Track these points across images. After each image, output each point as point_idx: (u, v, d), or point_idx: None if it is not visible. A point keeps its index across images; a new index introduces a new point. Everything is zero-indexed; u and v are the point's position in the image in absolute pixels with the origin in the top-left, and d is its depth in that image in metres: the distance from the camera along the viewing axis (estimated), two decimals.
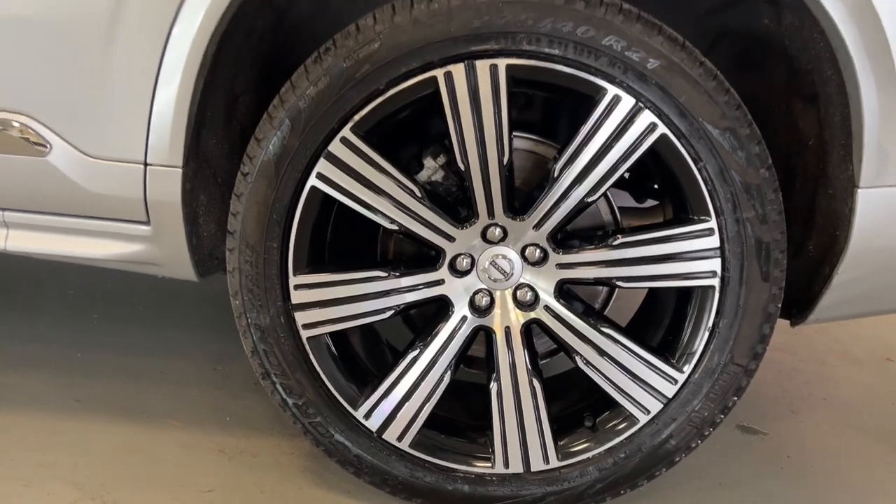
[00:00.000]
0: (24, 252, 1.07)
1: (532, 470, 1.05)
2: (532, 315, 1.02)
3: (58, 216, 1.04)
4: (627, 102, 0.91)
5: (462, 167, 0.95)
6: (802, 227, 1.06)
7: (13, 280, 1.76)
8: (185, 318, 1.67)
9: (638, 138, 0.92)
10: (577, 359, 1.02)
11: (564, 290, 1.02)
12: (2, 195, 1.03)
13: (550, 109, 1.19)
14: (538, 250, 1.00)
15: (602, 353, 1.00)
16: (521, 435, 1.03)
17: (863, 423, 1.50)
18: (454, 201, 1.03)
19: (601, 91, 0.91)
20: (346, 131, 0.93)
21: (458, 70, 0.91)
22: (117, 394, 1.32)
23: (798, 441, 1.42)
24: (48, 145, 0.98)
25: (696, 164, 0.93)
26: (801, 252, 1.07)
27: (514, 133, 1.01)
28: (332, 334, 1.03)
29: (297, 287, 0.99)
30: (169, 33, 0.93)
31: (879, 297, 1.07)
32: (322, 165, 0.94)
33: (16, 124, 0.98)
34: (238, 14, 0.94)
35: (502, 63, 0.90)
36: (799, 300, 1.08)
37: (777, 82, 1.06)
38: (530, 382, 1.02)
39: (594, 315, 1.05)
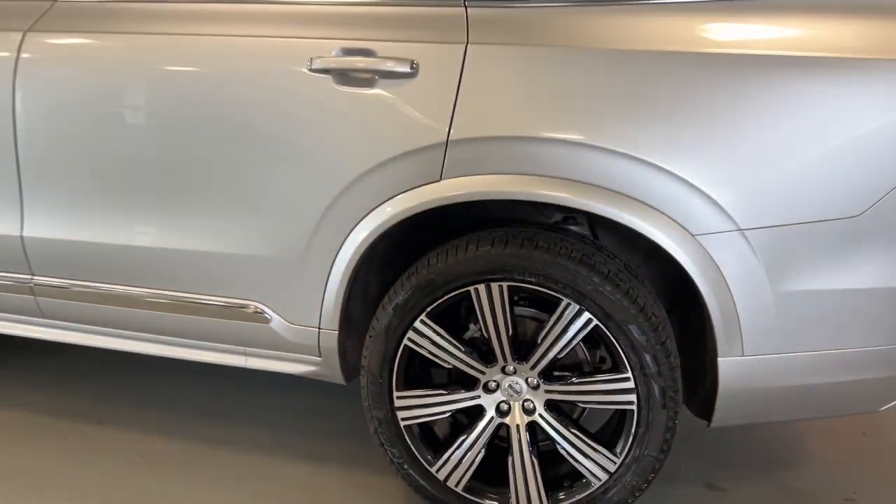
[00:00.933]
0: (254, 368, 1.94)
1: None
2: (532, 418, 1.74)
3: (272, 351, 1.90)
4: (575, 307, 1.61)
5: (486, 335, 1.70)
6: (698, 374, 1.71)
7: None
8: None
9: (582, 326, 1.62)
10: (558, 445, 1.73)
11: (551, 404, 1.74)
12: (244, 342, 1.91)
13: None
14: (535, 380, 1.72)
15: (571, 443, 1.71)
16: (526, 489, 1.75)
17: None
18: (485, 350, 1.77)
19: (560, 301, 1.62)
20: (422, 317, 1.70)
21: (482, 287, 1.65)
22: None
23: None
24: (271, 318, 1.84)
25: (616, 341, 1.62)
26: (701, 387, 1.72)
27: (522, 307, 1.74)
28: (417, 423, 1.81)
29: (397, 398, 1.78)
30: (336, 254, 1.74)
31: (751, 416, 1.70)
32: (410, 334, 1.72)
33: (251, 307, 1.85)
34: (374, 241, 1.73)
35: (505, 284, 1.64)
36: (705, 414, 1.73)
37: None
38: (531, 458, 1.74)
39: (568, 420, 1.75)
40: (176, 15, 1.81)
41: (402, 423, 1.79)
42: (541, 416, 1.74)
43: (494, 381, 1.75)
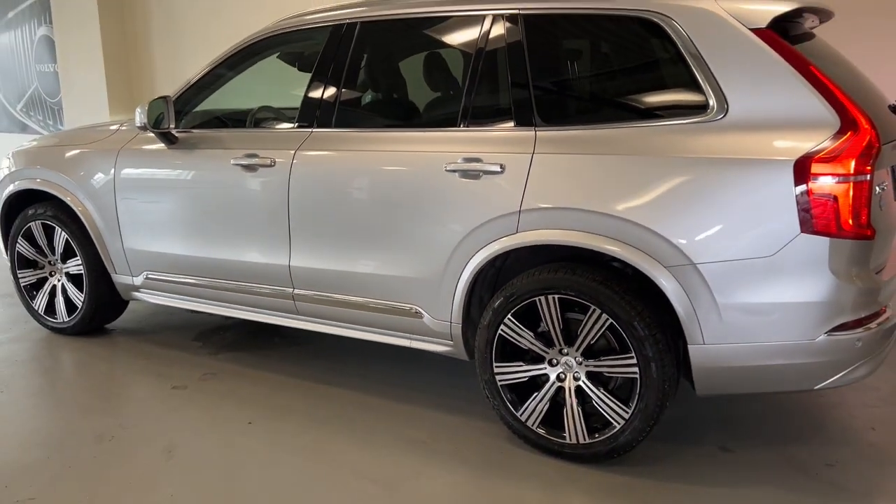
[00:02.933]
0: (415, 347, 3.13)
1: (581, 442, 2.76)
2: (578, 383, 2.75)
3: (425, 336, 3.09)
4: (598, 311, 2.61)
5: (548, 328, 2.75)
6: (684, 358, 2.62)
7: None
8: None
9: (603, 323, 2.61)
10: (594, 400, 2.72)
11: (590, 374, 2.73)
12: (408, 330, 3.12)
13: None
14: (579, 358, 2.73)
15: (602, 399, 2.69)
16: (575, 429, 2.75)
17: None
18: (548, 338, 2.81)
19: (589, 307, 2.63)
20: (509, 316, 2.79)
21: (542, 298, 2.71)
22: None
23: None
24: (424, 315, 3.03)
25: (624, 333, 2.59)
26: (686, 367, 2.62)
27: (569, 311, 2.76)
28: (508, 384, 2.89)
29: (496, 367, 2.87)
30: (459, 276, 2.89)
31: (720, 388, 2.57)
32: (502, 327, 2.81)
33: (413, 309, 3.05)
34: (482, 268, 2.86)
35: (556, 296, 2.68)
36: (693, 385, 2.63)
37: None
38: (578, 408, 2.74)
39: (601, 384, 2.73)
40: (375, 139, 3.11)
41: (499, 383, 2.88)
42: (584, 382, 2.74)
43: (555, 358, 2.78)
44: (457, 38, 3.08)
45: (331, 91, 3.24)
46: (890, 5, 3.96)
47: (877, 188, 2.41)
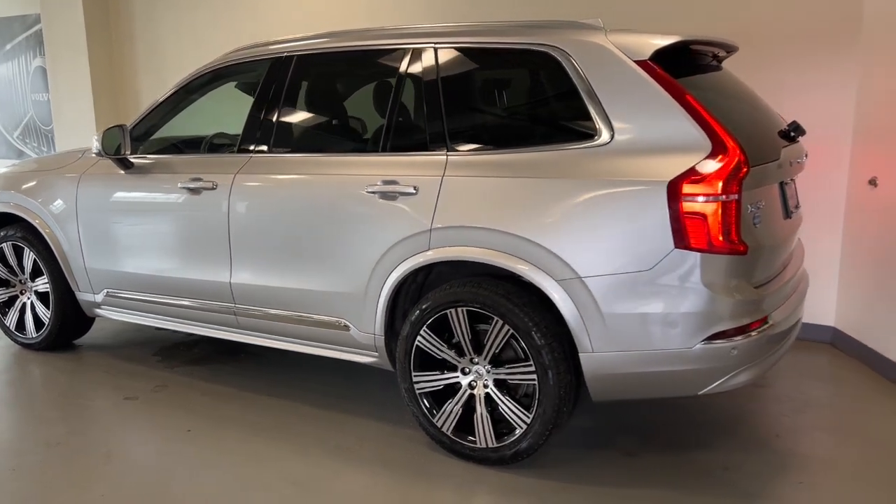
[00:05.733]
0: (343, 359, 3.33)
1: (489, 446, 2.93)
2: (487, 390, 2.93)
3: (353, 349, 3.28)
4: (501, 322, 2.80)
5: (458, 339, 2.94)
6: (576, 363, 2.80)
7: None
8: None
9: (505, 333, 2.80)
10: (500, 406, 2.89)
11: (497, 381, 2.91)
12: (337, 343, 3.32)
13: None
14: (488, 366, 2.92)
15: (506, 405, 2.87)
16: (484, 433, 2.93)
17: None
18: (461, 348, 2.99)
19: (493, 318, 2.82)
20: (424, 328, 2.99)
21: (452, 311, 2.90)
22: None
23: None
24: (352, 328, 3.23)
25: (524, 343, 2.77)
26: (574, 372, 2.80)
27: (478, 323, 2.95)
28: (425, 391, 3.07)
29: (414, 375, 3.06)
30: (381, 291, 3.09)
31: (611, 393, 2.75)
32: (419, 338, 3.00)
33: (342, 322, 3.25)
34: (401, 283, 3.06)
35: (464, 308, 2.88)
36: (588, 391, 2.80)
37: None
38: (486, 414, 2.92)
39: (506, 391, 2.91)
40: (307, 163, 3.33)
41: (417, 391, 3.07)
42: (492, 389, 2.93)
43: (466, 367, 2.97)
44: (381, 70, 3.31)
45: (269, 118, 3.47)
46: (792, 33, 4.17)
47: (748, 207, 2.60)
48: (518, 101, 3.02)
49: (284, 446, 3.20)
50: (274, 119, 3.47)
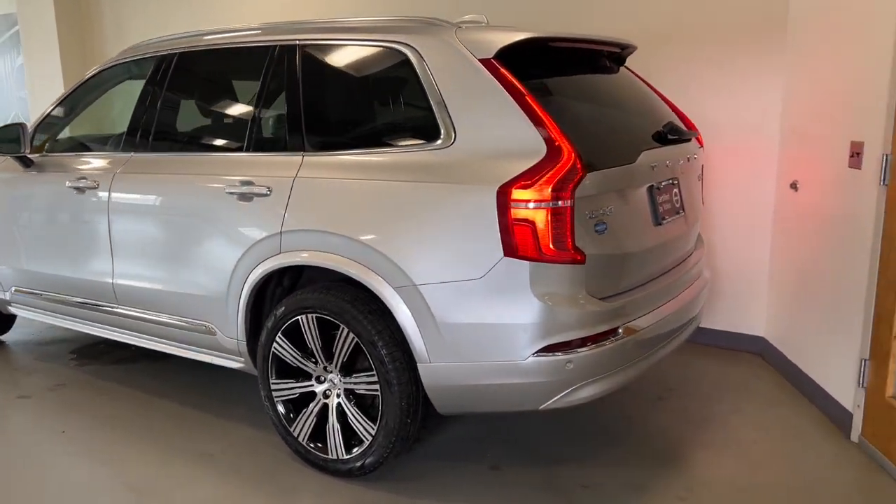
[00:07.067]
0: (213, 363, 3.27)
1: (339, 458, 2.84)
2: (339, 400, 2.84)
3: (221, 353, 3.22)
4: (346, 330, 2.71)
5: (310, 346, 2.85)
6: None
7: None
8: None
9: (351, 341, 2.71)
10: (348, 416, 2.80)
11: (347, 391, 2.82)
12: (204, 346, 3.25)
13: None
14: (340, 375, 2.83)
15: (354, 416, 2.78)
16: (335, 442, 2.84)
17: None
18: (318, 355, 2.90)
19: (339, 325, 2.73)
20: (279, 334, 2.91)
21: (302, 317, 2.82)
22: None
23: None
24: (217, 333, 3.16)
25: (367, 352, 2.67)
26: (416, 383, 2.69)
27: (329, 330, 2.85)
28: (283, 398, 2.99)
29: (272, 383, 2.98)
30: (240, 294, 3.02)
31: (452, 406, 2.63)
32: (274, 345, 2.93)
33: (207, 326, 3.18)
34: (260, 286, 2.99)
35: (313, 314, 2.79)
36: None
37: None
38: (337, 424, 2.83)
39: (354, 402, 2.81)
40: (179, 162, 3.27)
41: (275, 398, 2.99)
42: (342, 399, 2.83)
43: (321, 376, 2.88)
44: (249, 67, 3.22)
45: (149, 117, 3.42)
46: (695, 34, 3.98)
47: (586, 213, 2.45)
48: (372, 100, 2.92)
49: (150, 450, 3.15)
50: (153, 118, 3.42)
